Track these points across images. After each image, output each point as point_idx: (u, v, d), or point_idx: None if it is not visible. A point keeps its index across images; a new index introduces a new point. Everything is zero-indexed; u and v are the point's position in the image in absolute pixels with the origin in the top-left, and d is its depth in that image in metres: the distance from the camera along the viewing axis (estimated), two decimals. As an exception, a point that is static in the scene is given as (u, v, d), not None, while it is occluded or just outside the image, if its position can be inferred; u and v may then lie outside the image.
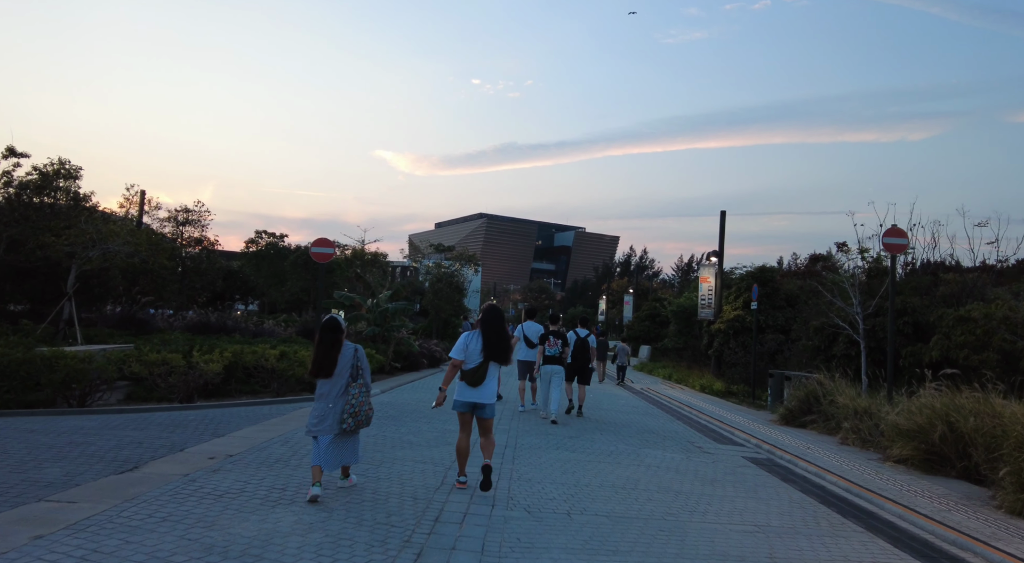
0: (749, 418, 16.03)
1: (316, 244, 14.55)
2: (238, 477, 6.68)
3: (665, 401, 19.64)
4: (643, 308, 43.12)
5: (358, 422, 6.30)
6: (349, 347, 6.47)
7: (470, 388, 6.71)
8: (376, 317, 19.48)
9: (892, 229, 13.53)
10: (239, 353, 12.95)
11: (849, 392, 13.48)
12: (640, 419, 14.69)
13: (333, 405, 6.28)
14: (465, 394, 6.74)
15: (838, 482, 9.12)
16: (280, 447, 8.31)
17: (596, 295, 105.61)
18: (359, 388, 6.36)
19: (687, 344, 33.09)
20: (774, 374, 17.69)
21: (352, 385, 6.34)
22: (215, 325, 19.59)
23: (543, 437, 10.75)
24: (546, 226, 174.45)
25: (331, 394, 6.32)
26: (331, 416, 6.25)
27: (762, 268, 26.75)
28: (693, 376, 25.89)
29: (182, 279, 26.19)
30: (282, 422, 10.22)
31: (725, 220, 26.12)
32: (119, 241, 15.58)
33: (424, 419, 11.67)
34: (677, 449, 10.93)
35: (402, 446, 9.02)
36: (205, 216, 26.75)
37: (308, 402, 12.81)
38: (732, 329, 24.78)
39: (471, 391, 6.71)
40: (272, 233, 42.45)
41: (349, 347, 6.47)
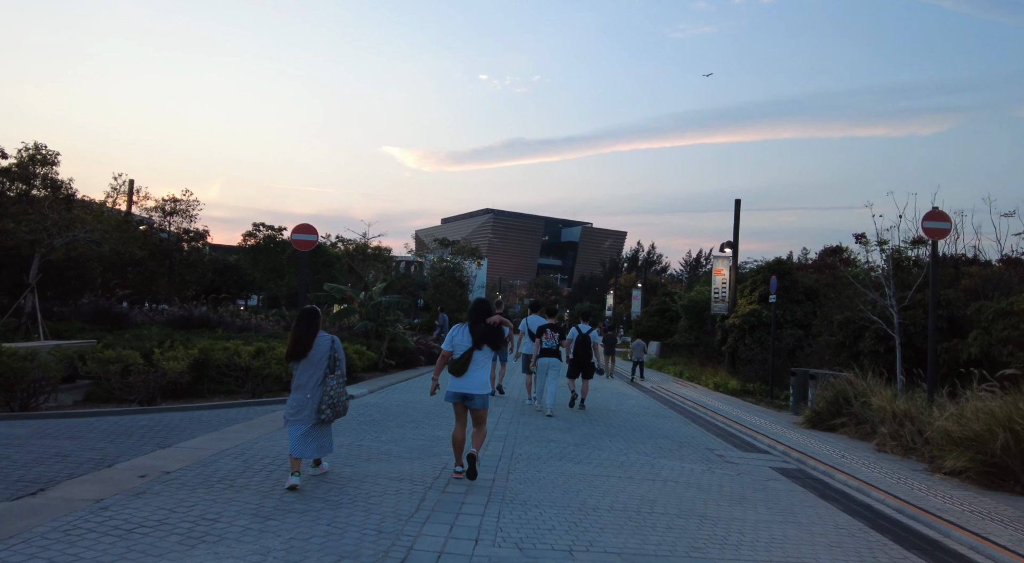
0: (770, 420, 14.71)
1: (297, 230, 13.29)
2: (163, 503, 5.43)
3: (678, 401, 18.34)
4: (652, 303, 41.75)
5: (336, 412, 6.43)
6: (326, 338, 6.56)
7: (456, 378, 6.90)
8: (369, 311, 18.23)
9: (933, 212, 12.17)
10: (208, 350, 11.71)
11: (884, 393, 12.15)
12: (652, 422, 13.40)
13: (311, 395, 6.41)
14: (453, 385, 6.93)
15: (887, 500, 7.81)
16: (231, 461, 7.06)
17: (603, 290, 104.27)
18: (336, 379, 6.47)
19: (699, 340, 31.73)
20: (797, 372, 16.36)
21: (329, 376, 6.45)
22: (198, 320, 18.39)
23: (544, 445, 9.48)
24: (553, 221, 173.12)
25: (308, 385, 6.44)
26: (309, 406, 6.38)
27: (779, 260, 25.39)
28: (706, 373, 24.56)
29: (170, 272, 25.00)
30: (245, 429, 8.97)
31: (740, 210, 24.77)
32: (85, 228, 14.34)
33: (411, 424, 10.41)
34: (696, 458, 9.64)
35: (379, 458, 7.75)
36: (194, 206, 25.54)
37: (283, 405, 11.57)
38: (747, 324, 23.43)
39: (458, 381, 6.89)
40: (270, 226, 41.34)
41: (326, 338, 6.56)
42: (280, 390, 12.93)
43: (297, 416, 6.37)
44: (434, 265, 45.93)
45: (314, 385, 6.43)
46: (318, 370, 6.46)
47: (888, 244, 29.19)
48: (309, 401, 6.39)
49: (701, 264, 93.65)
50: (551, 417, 12.29)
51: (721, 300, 25.19)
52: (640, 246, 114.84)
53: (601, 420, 12.85)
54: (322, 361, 6.46)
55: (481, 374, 6.96)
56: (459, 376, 6.89)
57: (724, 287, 25.15)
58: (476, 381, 6.90)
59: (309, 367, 6.47)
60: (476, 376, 6.91)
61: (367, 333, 18.29)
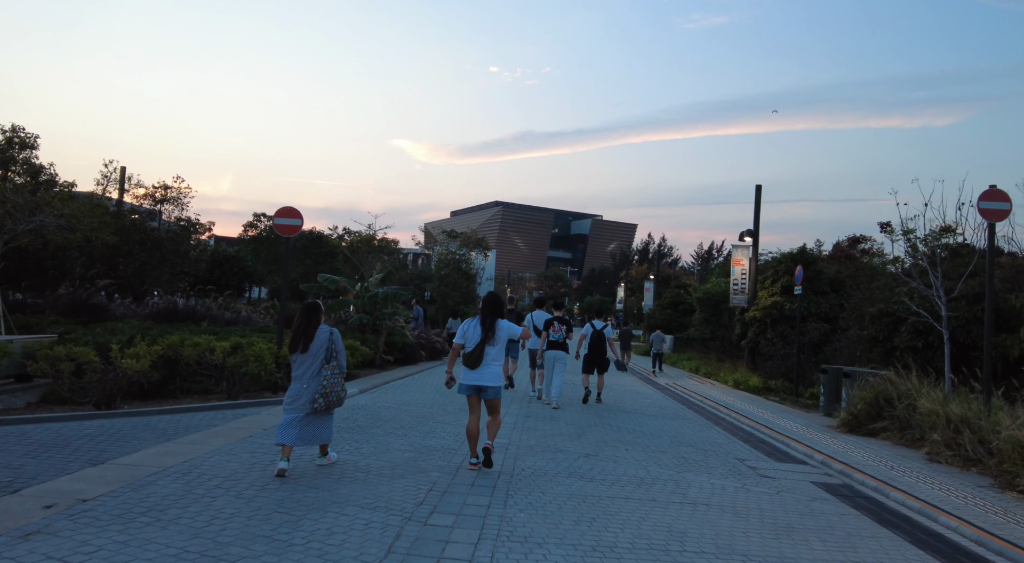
0: (801, 423, 13.40)
1: (280, 214, 12.09)
2: (55, 549, 4.20)
3: (696, 400, 17.05)
4: (665, 295, 40.35)
5: (329, 402, 6.55)
6: (325, 330, 6.72)
7: (471, 371, 7.03)
8: (365, 303, 17.01)
9: (991, 191, 10.80)
10: (176, 346, 10.50)
11: (934, 395, 10.82)
12: (671, 425, 12.13)
13: (307, 385, 6.56)
14: (468, 377, 7.05)
15: (961, 528, 6.51)
16: (170, 483, 5.83)
17: (613, 283, 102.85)
18: (332, 370, 6.62)
19: (714, 334, 30.36)
20: (828, 370, 15.02)
21: (325, 367, 6.61)
22: (183, 312, 17.22)
23: (550, 457, 8.22)
24: (563, 214, 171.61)
25: (306, 375, 6.59)
26: (304, 395, 6.52)
27: (802, 249, 23.98)
28: (724, 370, 23.22)
29: (160, 262, 23.86)
30: (204, 438, 7.75)
31: (760, 197, 23.37)
32: (52, 212, 13.15)
33: (399, 430, 9.17)
34: (726, 472, 8.37)
35: (353, 477, 6.52)
36: (186, 192, 24.34)
37: (261, 407, 10.36)
38: (769, 317, 22.06)
39: (472, 374, 7.02)
40: (271, 216, 40.17)
41: (325, 330, 6.72)
42: (261, 390, 11.73)
43: (294, 404, 6.52)
44: (441, 257, 44.72)
45: (311, 375, 6.58)
46: (315, 361, 6.60)
47: (915, 233, 27.75)
48: (305, 391, 6.54)
49: (713, 256, 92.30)
50: (557, 409, 12.41)
51: (740, 292, 23.83)
52: (651, 238, 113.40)
53: (615, 423, 11.60)
54: (320, 352, 6.62)
55: (495, 367, 7.10)
56: (473, 369, 7.03)
57: (744, 278, 23.78)
58: (490, 373, 7.04)
59: (307, 358, 6.62)
60: (490, 369, 7.06)
61: (363, 327, 17.07)
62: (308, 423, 6.51)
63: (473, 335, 7.08)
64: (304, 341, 6.60)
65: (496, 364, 7.11)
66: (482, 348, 7.01)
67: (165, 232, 23.79)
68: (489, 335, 7.04)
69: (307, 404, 6.49)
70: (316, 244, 37.75)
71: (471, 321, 7.22)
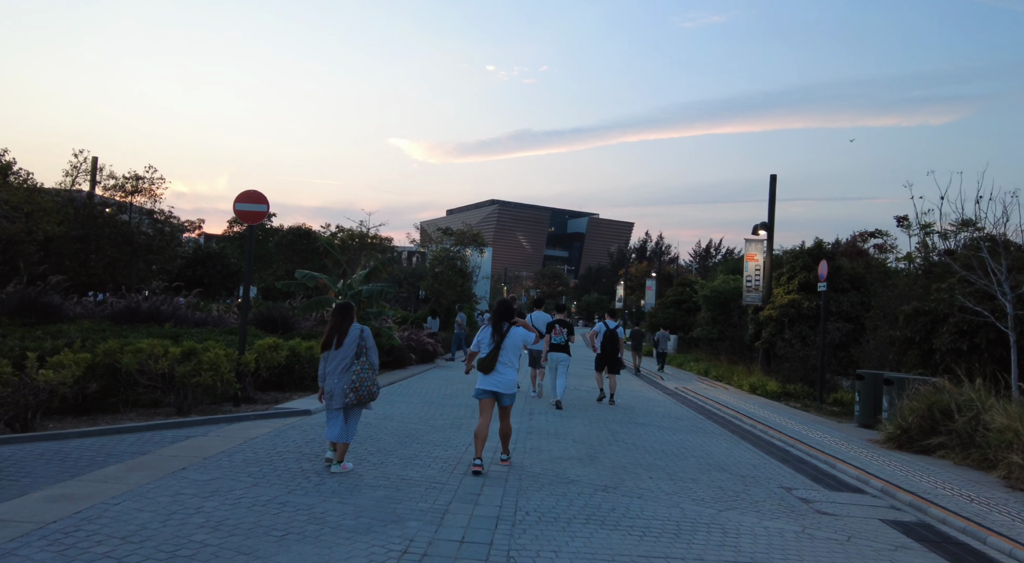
0: (838, 437, 11.83)
1: (242, 199, 10.42)
2: None
3: (713, 407, 15.47)
4: (668, 293, 38.76)
5: (359, 397, 6.64)
6: (356, 327, 6.89)
7: (486, 376, 7.17)
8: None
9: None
10: (113, 352, 8.87)
11: (1009, 409, 9.24)
12: (694, 441, 10.54)
13: (338, 380, 6.67)
14: (483, 382, 7.20)
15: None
16: (39, 554, 4.20)
17: (610, 282, 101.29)
18: (362, 365, 6.71)
19: (723, 334, 28.78)
20: (864, 375, 13.44)
21: (355, 363, 6.71)
22: (145, 313, 15.58)
23: (560, 490, 6.62)
24: (559, 212, 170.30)
25: (336, 371, 6.69)
26: (337, 392, 6.65)
27: (818, 244, 22.42)
28: (737, 373, 21.64)
29: (131, 258, 22.19)
30: (118, 474, 6.09)
31: (776, 186, 21.79)
32: (-17, 198, 11.54)
33: (375, 457, 7.56)
34: (776, 508, 6.78)
35: (301, 534, 4.89)
36: (159, 184, 22.65)
37: (213, 425, 8.73)
38: (786, 317, 20.49)
39: (487, 379, 7.16)
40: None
41: (356, 327, 6.89)
42: (220, 403, 10.12)
43: (331, 403, 6.68)
44: (435, 255, 43.10)
45: (341, 371, 6.68)
46: (346, 357, 6.71)
47: (932, 227, 26.26)
48: (337, 386, 6.66)
49: (711, 254, 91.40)
50: (560, 408, 12.38)
51: (754, 289, 22.25)
52: (648, 236, 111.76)
53: (630, 440, 10.00)
54: (350, 348, 6.74)
55: (510, 373, 7.24)
56: (487, 374, 7.17)
57: (758, 274, 22.20)
58: (505, 380, 7.20)
59: (339, 354, 6.74)
60: (505, 375, 7.21)
61: (345, 328, 15.46)
62: (340, 419, 6.69)
63: (486, 341, 7.27)
64: (338, 337, 6.76)
65: (510, 370, 7.27)
66: (495, 354, 7.18)
67: (136, 226, 22.10)
68: (500, 341, 7.21)
69: (339, 399, 6.63)
70: (304, 240, 36.10)
71: (485, 328, 7.42)
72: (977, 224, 24.79)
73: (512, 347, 7.29)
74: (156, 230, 22.48)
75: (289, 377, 12.03)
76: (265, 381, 11.73)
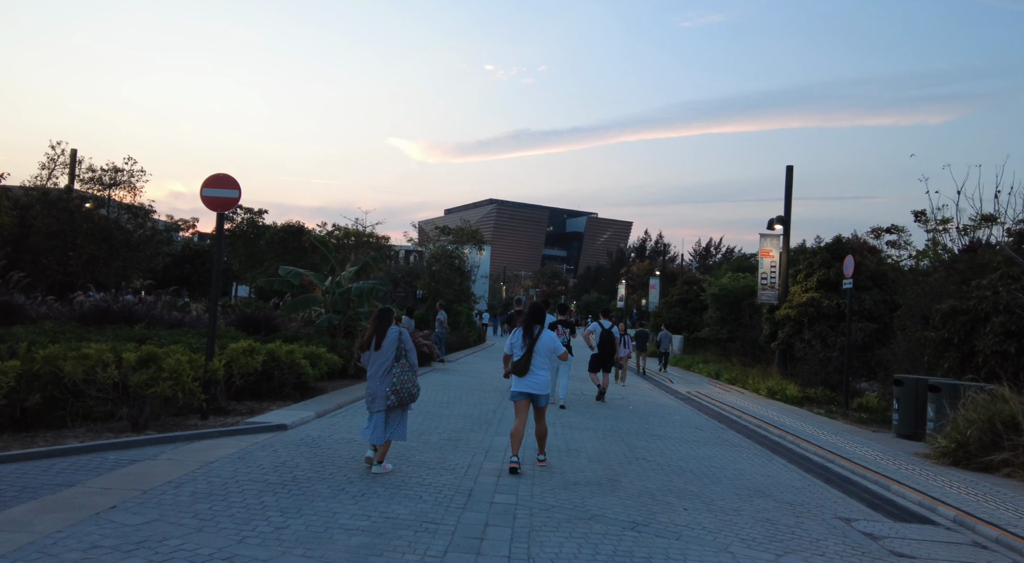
0: (879, 449, 10.61)
1: (209, 183, 9.07)
2: None
3: (731, 414, 14.26)
4: (673, 292, 37.49)
5: (400, 398, 6.79)
6: (395, 330, 7.02)
7: (520, 378, 7.42)
8: (335, 301, 14.13)
9: None
10: (53, 359, 7.63)
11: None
12: (722, 456, 9.32)
13: (380, 383, 6.84)
14: (518, 385, 7.44)
15: None
16: None
17: (610, 281, 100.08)
18: (402, 367, 6.85)
19: (733, 334, 27.56)
20: (904, 380, 12.22)
21: (395, 365, 6.84)
22: (116, 313, 14.32)
23: (582, 532, 5.37)
24: (558, 212, 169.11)
25: (377, 374, 6.88)
26: (380, 395, 6.81)
27: (837, 240, 21.20)
28: (752, 376, 20.39)
29: (109, 255, 20.93)
30: (25, 516, 4.78)
31: (792, 177, 20.59)
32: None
33: (354, 486, 6.32)
34: (840, 547, 5.57)
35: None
36: (138, 176, 21.36)
37: (167, 444, 7.48)
38: (805, 316, 19.26)
39: (522, 382, 7.42)
40: (249, 208, 37.23)
41: (395, 330, 7.02)
42: (185, 415, 8.88)
43: (373, 405, 6.83)
44: (433, 253, 41.84)
45: (383, 374, 6.83)
46: (387, 360, 6.85)
47: (951, 222, 25.02)
48: (380, 388, 6.81)
49: (711, 253, 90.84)
50: (563, 408, 12.44)
51: (770, 287, 21.02)
52: (648, 235, 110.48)
53: (651, 455, 8.78)
54: (390, 351, 6.88)
55: (544, 375, 7.45)
56: (522, 376, 7.37)
57: (773, 272, 20.97)
58: (540, 381, 7.40)
59: (379, 357, 6.90)
60: (540, 376, 7.41)
61: (332, 329, 14.19)
62: (383, 420, 6.77)
63: (519, 344, 7.46)
64: (377, 339, 6.92)
65: (544, 371, 7.44)
66: (529, 357, 7.35)
67: (115, 221, 20.83)
68: (533, 344, 7.37)
69: (382, 401, 6.74)
70: (296, 237, 34.82)
71: (516, 331, 7.59)
72: (998, 219, 23.63)
73: (544, 350, 7.45)
74: (135, 225, 21.18)
75: (268, 385, 10.78)
76: (240, 389, 10.49)
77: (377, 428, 6.76)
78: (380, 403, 6.76)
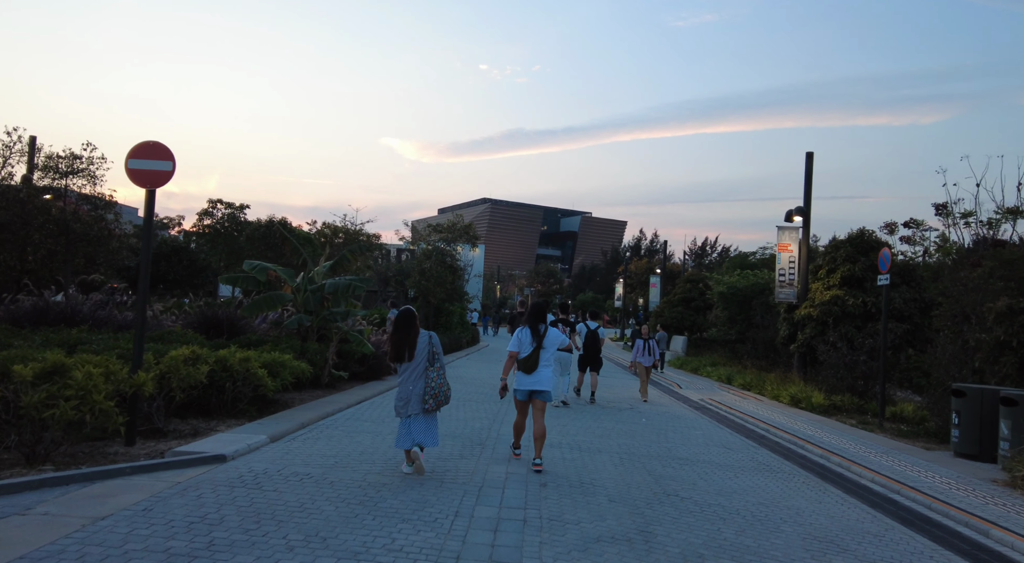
0: (949, 476, 8.91)
1: (136, 153, 7.19)
2: None
3: (757, 427, 12.57)
4: (675, 291, 35.80)
5: (438, 402, 6.77)
6: (424, 335, 6.88)
7: (526, 375, 7.55)
8: (307, 300, 12.37)
9: None
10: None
11: None
12: (765, 487, 7.60)
13: (413, 386, 6.75)
14: (523, 382, 7.57)
15: None
16: None
17: (604, 280, 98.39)
18: (436, 371, 6.83)
19: (743, 335, 25.90)
20: (967, 391, 10.53)
21: (430, 369, 6.81)
22: (57, 314, 12.53)
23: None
24: (552, 211, 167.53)
25: (411, 377, 6.77)
26: (414, 398, 6.71)
27: (861, 232, 19.51)
28: (770, 381, 18.69)
29: (67, 250, 19.11)
30: None
31: (812, 164, 18.93)
32: None
33: (295, 553, 4.58)
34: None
35: None
36: (99, 164, 19.53)
37: (59, 487, 5.69)
38: (830, 316, 17.58)
39: (527, 379, 7.54)
40: (230, 203, 35.34)
41: (424, 335, 6.88)
42: (106, 441, 7.12)
43: (405, 409, 6.71)
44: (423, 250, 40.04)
45: (416, 377, 6.75)
46: (420, 365, 6.79)
47: (974, 215, 23.41)
48: (413, 392, 6.73)
49: (707, 252, 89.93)
50: (565, 405, 12.96)
51: (788, 284, 19.33)
52: (643, 234, 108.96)
53: (684, 489, 7.05)
54: (422, 355, 6.80)
55: (548, 371, 7.66)
56: (529, 373, 7.54)
57: (792, 268, 19.29)
58: (545, 377, 7.59)
59: (410, 365, 6.77)
60: (544, 373, 7.59)
61: (304, 332, 12.42)
62: (418, 424, 6.69)
63: (527, 342, 7.64)
64: (409, 350, 6.77)
65: (548, 368, 7.66)
66: (537, 353, 7.56)
67: (72, 212, 19.01)
68: (541, 341, 7.60)
69: (418, 405, 6.68)
70: (271, 230, 32.96)
71: (523, 329, 7.73)
72: (1023, 211, 21.93)
73: (551, 347, 7.66)
74: (93, 217, 19.32)
75: (219, 399, 9.01)
76: (185, 405, 8.74)
77: (409, 434, 6.69)
78: (415, 406, 6.68)
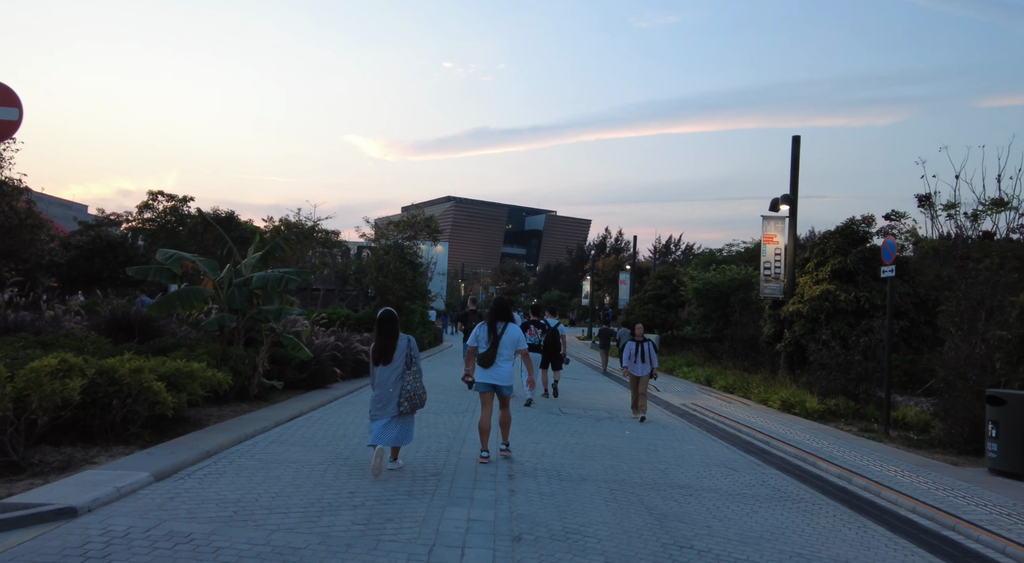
0: (1003, 503, 7.43)
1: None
2: None
3: (755, 438, 11.04)
4: (645, 289, 34.40)
5: (413, 405, 6.89)
6: (403, 338, 7.01)
7: (485, 370, 7.69)
8: (231, 296, 10.48)
9: None
10: None
11: None
12: (796, 526, 6.00)
13: (392, 389, 6.84)
14: (483, 376, 7.71)
15: None
16: None
17: (570, 278, 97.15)
18: (413, 375, 6.93)
19: (720, 333, 24.53)
20: (1007, 398, 9.06)
21: (407, 372, 6.91)
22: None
23: None
24: (516, 210, 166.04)
25: (389, 380, 6.88)
26: (392, 401, 6.82)
27: (851, 221, 18.22)
28: (755, 383, 17.21)
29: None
30: None
31: (799, 148, 17.54)
32: None
33: None
34: None
35: None
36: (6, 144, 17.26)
37: None
38: (820, 312, 16.21)
39: (486, 373, 7.69)
40: (172, 195, 32.94)
41: (403, 338, 7.01)
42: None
43: (382, 411, 6.81)
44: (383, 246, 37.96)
45: (394, 380, 6.86)
46: (397, 368, 6.87)
47: (958, 207, 22.35)
48: (391, 395, 6.82)
49: (671, 250, 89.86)
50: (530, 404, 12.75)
51: (774, 279, 17.92)
52: (608, 232, 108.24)
53: (697, 537, 5.41)
54: (400, 359, 6.89)
55: (507, 366, 7.74)
56: (487, 368, 7.67)
57: (778, 261, 17.88)
58: (503, 373, 7.70)
59: (387, 369, 6.89)
60: (503, 368, 7.69)
61: (229, 334, 10.51)
62: (393, 425, 6.80)
63: (484, 338, 7.74)
64: (386, 355, 6.88)
65: (507, 363, 7.72)
66: (495, 349, 7.64)
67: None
68: (499, 338, 7.68)
69: (394, 409, 6.79)
70: (223, 226, 30.67)
71: (482, 325, 7.85)
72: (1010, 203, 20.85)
73: (509, 343, 7.74)
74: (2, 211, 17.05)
75: (103, 420, 7.12)
76: (59, 428, 6.84)
77: (385, 431, 6.77)
78: (392, 409, 6.79)
